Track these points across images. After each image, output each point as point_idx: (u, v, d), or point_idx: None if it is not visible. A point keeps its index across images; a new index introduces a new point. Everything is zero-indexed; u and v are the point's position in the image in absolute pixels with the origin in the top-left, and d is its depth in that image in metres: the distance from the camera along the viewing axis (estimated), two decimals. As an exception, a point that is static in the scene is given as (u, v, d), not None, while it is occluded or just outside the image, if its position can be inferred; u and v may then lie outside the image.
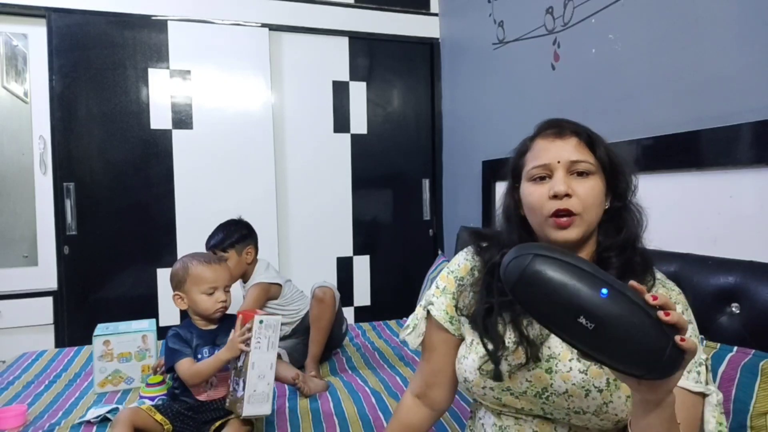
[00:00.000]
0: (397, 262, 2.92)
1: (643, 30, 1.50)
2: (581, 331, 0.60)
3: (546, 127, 0.89)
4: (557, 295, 0.61)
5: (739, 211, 1.21)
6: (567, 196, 0.81)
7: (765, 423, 0.93)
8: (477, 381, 0.89)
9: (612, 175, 0.86)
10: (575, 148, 0.84)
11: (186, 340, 1.42)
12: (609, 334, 0.59)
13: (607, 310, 0.59)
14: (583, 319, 0.59)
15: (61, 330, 2.36)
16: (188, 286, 1.43)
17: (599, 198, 0.84)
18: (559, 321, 0.62)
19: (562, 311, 0.61)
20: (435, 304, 0.98)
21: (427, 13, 2.87)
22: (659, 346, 0.58)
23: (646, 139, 1.47)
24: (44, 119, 2.35)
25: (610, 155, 0.86)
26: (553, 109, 1.93)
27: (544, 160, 0.85)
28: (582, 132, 0.86)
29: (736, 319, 1.10)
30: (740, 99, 1.23)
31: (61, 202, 2.34)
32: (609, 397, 0.81)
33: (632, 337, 0.59)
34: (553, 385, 0.84)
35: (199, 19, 2.49)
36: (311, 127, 2.75)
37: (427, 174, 2.95)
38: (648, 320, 0.59)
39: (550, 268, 0.62)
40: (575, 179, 0.83)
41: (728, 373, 0.99)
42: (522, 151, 0.92)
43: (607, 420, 0.82)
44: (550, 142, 0.86)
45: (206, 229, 2.51)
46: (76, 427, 1.41)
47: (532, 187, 0.86)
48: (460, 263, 0.99)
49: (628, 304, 0.60)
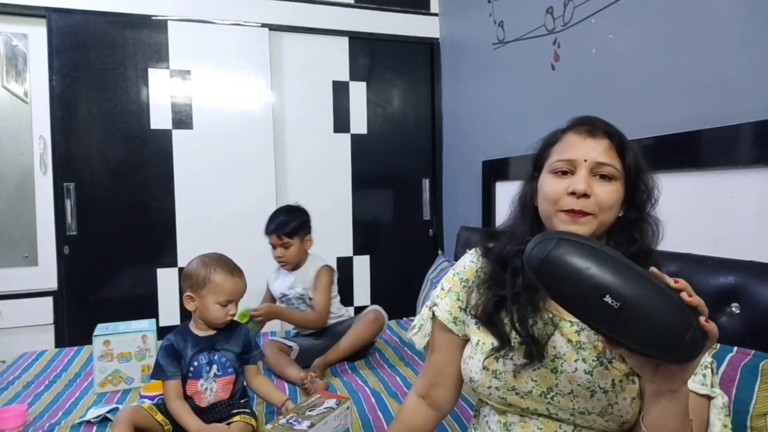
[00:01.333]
0: (397, 262, 2.92)
1: (643, 30, 1.50)
2: (606, 311, 0.60)
3: (580, 122, 0.87)
4: (583, 275, 0.62)
5: (739, 211, 1.21)
6: (585, 196, 0.80)
7: (765, 424, 0.92)
8: (483, 381, 0.89)
9: (634, 184, 0.84)
10: (605, 151, 0.83)
11: (178, 354, 1.39)
12: (634, 313, 0.59)
13: (633, 289, 0.60)
14: (609, 298, 0.60)
15: (61, 330, 2.36)
16: (205, 292, 1.38)
17: (617, 203, 0.83)
18: (583, 301, 0.62)
19: (588, 290, 0.61)
20: (439, 305, 0.98)
21: (427, 13, 2.87)
22: (682, 327, 0.59)
23: (646, 139, 1.47)
24: (44, 119, 2.35)
25: (638, 164, 0.84)
26: (553, 109, 1.93)
27: (571, 155, 0.83)
28: (615, 135, 0.85)
29: (736, 319, 1.10)
30: (740, 99, 1.23)
31: (61, 202, 2.34)
32: (614, 399, 0.81)
33: (656, 318, 0.59)
34: (558, 385, 0.84)
35: (199, 19, 2.49)
36: (311, 127, 2.75)
37: (427, 174, 2.95)
38: (671, 302, 0.60)
39: (575, 250, 0.63)
40: (597, 181, 0.82)
41: (728, 373, 0.99)
42: (550, 141, 0.90)
43: (612, 421, 0.82)
44: (582, 139, 0.84)
45: (206, 229, 2.53)
46: (76, 427, 1.41)
47: (552, 179, 0.84)
48: (466, 265, 0.98)
49: (651, 285, 0.61)
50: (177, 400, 1.35)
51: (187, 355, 1.39)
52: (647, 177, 0.86)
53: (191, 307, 1.41)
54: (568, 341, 0.86)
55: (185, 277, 1.42)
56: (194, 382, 1.39)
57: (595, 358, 0.83)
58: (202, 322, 1.43)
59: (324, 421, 1.30)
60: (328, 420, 1.31)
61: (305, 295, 2.01)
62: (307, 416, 1.31)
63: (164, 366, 1.37)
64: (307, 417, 1.30)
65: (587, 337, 0.85)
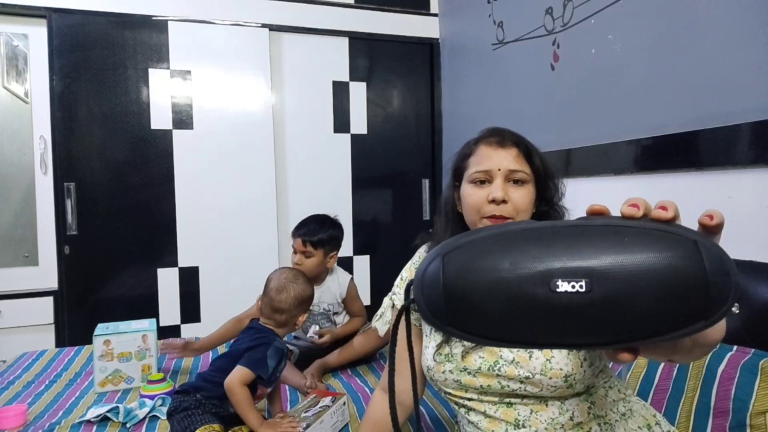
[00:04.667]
0: (397, 262, 2.90)
1: (643, 30, 1.51)
2: (572, 304, 0.37)
3: (490, 134, 0.97)
4: (506, 278, 0.39)
5: (739, 211, 1.22)
6: (503, 202, 0.90)
7: (764, 422, 0.93)
8: (437, 367, 0.95)
9: (543, 182, 0.95)
10: (515, 159, 0.93)
11: (279, 362, 1.33)
12: (613, 284, 0.37)
13: (589, 250, 0.37)
14: (562, 280, 0.37)
15: (62, 330, 2.37)
16: (305, 309, 1.42)
17: (530, 203, 0.93)
18: (534, 312, 0.38)
19: (525, 287, 0.38)
20: (397, 294, 1.11)
21: (427, 13, 2.88)
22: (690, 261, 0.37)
23: (645, 139, 1.47)
24: (45, 119, 2.35)
25: (544, 165, 0.95)
26: (552, 110, 1.93)
27: (486, 166, 0.93)
28: (521, 143, 0.95)
29: (736, 318, 1.11)
30: (740, 99, 1.23)
31: (62, 202, 2.34)
32: (549, 353, 0.87)
33: (649, 273, 0.37)
34: (503, 356, 0.90)
35: (199, 20, 2.49)
36: (311, 127, 2.75)
37: (427, 174, 2.96)
38: (650, 236, 0.38)
39: (470, 256, 0.41)
40: (511, 186, 0.92)
41: (728, 372, 1.00)
42: (466, 153, 1.00)
43: (555, 377, 0.86)
44: (493, 150, 0.94)
45: (206, 229, 2.53)
46: (76, 426, 1.41)
47: (472, 189, 0.94)
48: (420, 256, 1.10)
49: (607, 230, 0.39)
50: (245, 389, 1.25)
51: (281, 365, 1.36)
52: (555, 175, 0.97)
53: (300, 325, 1.43)
54: None
55: (305, 301, 1.41)
56: (265, 389, 1.34)
57: None
58: (284, 334, 1.41)
59: (320, 419, 1.30)
60: (324, 418, 1.31)
61: (330, 310, 1.95)
62: (302, 417, 1.31)
63: (271, 367, 1.29)
64: (303, 418, 1.30)
65: None
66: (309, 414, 1.32)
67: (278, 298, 1.37)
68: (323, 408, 1.35)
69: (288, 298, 1.37)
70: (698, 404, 1.03)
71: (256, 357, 1.27)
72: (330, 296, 1.93)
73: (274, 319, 1.38)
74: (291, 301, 1.37)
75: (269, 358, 1.28)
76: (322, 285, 1.92)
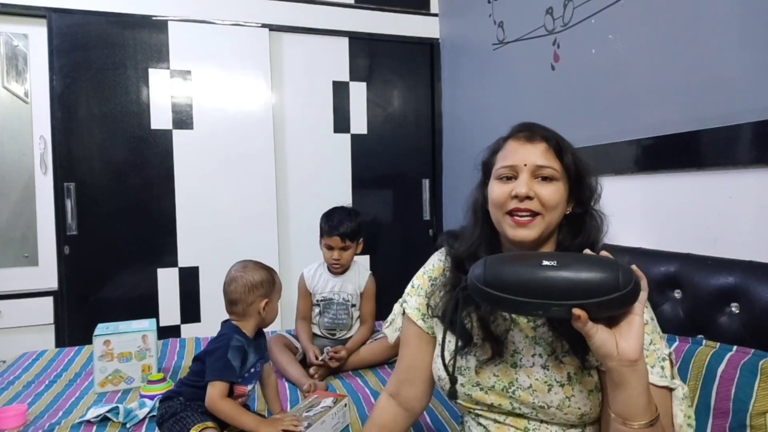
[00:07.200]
0: (397, 262, 2.92)
1: (643, 30, 1.50)
2: (547, 272, 0.70)
3: (519, 129, 0.93)
4: (518, 258, 0.76)
5: (739, 211, 1.22)
6: (528, 198, 0.85)
7: (765, 422, 0.93)
8: (448, 378, 0.92)
9: (576, 182, 0.90)
10: (543, 154, 0.87)
11: (245, 358, 1.31)
12: (572, 263, 0.71)
13: (563, 255, 0.75)
14: (546, 260, 0.71)
15: (62, 330, 2.37)
16: (274, 294, 1.38)
17: (560, 202, 0.87)
18: (527, 274, 0.71)
19: (527, 263, 0.72)
20: (409, 302, 1.04)
21: (427, 13, 2.88)
22: (613, 265, 0.70)
23: (646, 139, 1.47)
24: (45, 119, 2.35)
25: (577, 163, 0.90)
26: (552, 110, 1.93)
27: (511, 161, 0.88)
28: (551, 138, 0.89)
29: (736, 318, 1.10)
30: (740, 99, 1.23)
31: (62, 202, 2.34)
32: (571, 392, 0.85)
33: (592, 261, 0.71)
34: (518, 379, 0.89)
35: (199, 20, 2.49)
36: (311, 127, 2.75)
37: (427, 174, 2.96)
38: (595, 257, 0.74)
39: (500, 257, 0.77)
40: (539, 183, 0.87)
41: (728, 372, 0.99)
42: (494, 149, 0.95)
43: (571, 414, 0.86)
44: (521, 144, 0.89)
45: (206, 229, 2.53)
46: (76, 426, 1.41)
47: (497, 185, 0.90)
48: (434, 264, 1.05)
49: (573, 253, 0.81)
50: (227, 401, 1.26)
51: (250, 359, 1.34)
52: (589, 175, 0.91)
53: (263, 312, 1.37)
54: (526, 336, 0.91)
55: (255, 286, 1.35)
56: (243, 388, 1.33)
57: (549, 353, 0.88)
58: (252, 328, 1.37)
59: (321, 420, 1.30)
60: (326, 419, 1.31)
61: (349, 301, 1.98)
62: (304, 417, 1.31)
63: (237, 368, 1.27)
64: (304, 418, 1.30)
65: (542, 333, 0.90)
66: (310, 414, 1.32)
67: (229, 290, 1.37)
68: (325, 408, 1.35)
69: (237, 288, 1.36)
70: (698, 405, 1.02)
71: (219, 364, 1.26)
72: (351, 287, 2.00)
73: (235, 314, 1.37)
74: (241, 289, 1.35)
75: (232, 359, 1.27)
76: (346, 275, 2.00)
